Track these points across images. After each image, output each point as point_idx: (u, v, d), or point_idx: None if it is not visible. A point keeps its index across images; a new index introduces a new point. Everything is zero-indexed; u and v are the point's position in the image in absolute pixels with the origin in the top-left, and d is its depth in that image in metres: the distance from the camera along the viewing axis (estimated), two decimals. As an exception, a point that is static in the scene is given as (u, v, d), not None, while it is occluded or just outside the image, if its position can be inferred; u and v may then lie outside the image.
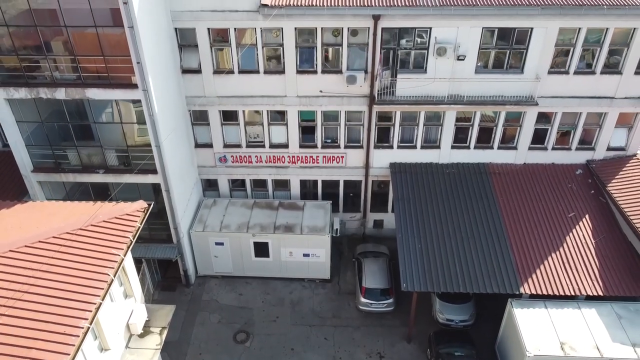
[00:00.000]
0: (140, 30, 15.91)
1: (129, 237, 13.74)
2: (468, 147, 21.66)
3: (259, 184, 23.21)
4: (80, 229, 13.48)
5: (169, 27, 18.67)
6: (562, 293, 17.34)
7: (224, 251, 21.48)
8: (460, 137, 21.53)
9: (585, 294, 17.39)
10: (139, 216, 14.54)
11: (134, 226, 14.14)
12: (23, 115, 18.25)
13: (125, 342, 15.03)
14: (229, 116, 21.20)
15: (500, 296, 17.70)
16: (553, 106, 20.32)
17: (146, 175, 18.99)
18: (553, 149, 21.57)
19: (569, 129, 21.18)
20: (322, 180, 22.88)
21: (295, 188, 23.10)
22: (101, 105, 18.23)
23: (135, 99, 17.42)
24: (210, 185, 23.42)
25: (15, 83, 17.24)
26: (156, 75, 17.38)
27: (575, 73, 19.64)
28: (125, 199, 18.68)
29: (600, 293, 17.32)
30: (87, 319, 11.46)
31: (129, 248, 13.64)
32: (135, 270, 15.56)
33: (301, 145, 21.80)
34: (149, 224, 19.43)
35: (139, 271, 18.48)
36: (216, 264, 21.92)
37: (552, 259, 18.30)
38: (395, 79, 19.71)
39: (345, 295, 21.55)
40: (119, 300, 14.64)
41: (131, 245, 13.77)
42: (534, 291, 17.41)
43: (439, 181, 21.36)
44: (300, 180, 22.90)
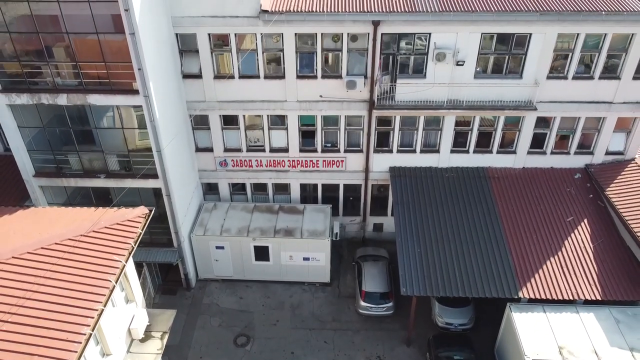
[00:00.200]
0: (142, 37, 16.02)
1: (130, 244, 13.86)
2: (467, 152, 21.77)
3: (260, 187, 23.33)
4: (82, 235, 13.61)
5: (170, 33, 18.78)
6: (561, 297, 17.45)
7: (224, 255, 21.59)
8: (460, 142, 21.63)
9: (584, 299, 17.51)
10: (140, 222, 14.66)
11: (135, 232, 14.26)
12: (25, 121, 18.37)
13: (127, 347, 15.15)
14: (230, 121, 21.32)
15: (499, 300, 17.81)
16: (552, 111, 20.43)
17: (147, 180, 19.09)
18: (552, 153, 21.68)
19: (568, 134, 21.29)
20: (322, 184, 22.99)
21: (295, 192, 23.22)
22: (102, 110, 18.35)
23: (136, 105, 17.52)
24: (210, 188, 23.53)
25: (17, 89, 17.36)
26: (157, 81, 17.49)
27: (574, 78, 19.75)
28: (126, 203, 18.91)
29: (599, 297, 17.43)
30: (89, 325, 11.58)
31: (130, 254, 13.76)
32: (136, 276, 15.70)
33: (301, 150, 21.92)
34: (150, 227, 19.49)
35: (139, 275, 18.57)
36: (217, 267, 22.04)
37: (551, 263, 18.41)
38: (395, 84, 19.81)
39: (345, 299, 21.67)
40: (120, 305, 14.76)
41: (132, 252, 13.89)
42: (532, 295, 17.52)
43: (439, 185, 21.47)
44: (301, 184, 23.01)
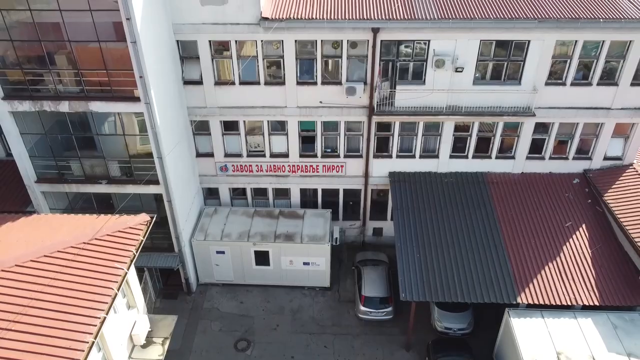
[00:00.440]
0: (143, 45, 16.15)
1: (132, 251, 14.00)
2: (466, 157, 21.90)
3: (260, 192, 23.46)
4: (84, 243, 13.75)
5: (171, 40, 18.89)
6: (559, 303, 17.58)
7: (225, 260, 21.72)
8: (459, 147, 21.76)
9: (582, 304, 17.64)
10: (142, 229, 14.80)
11: (137, 239, 14.40)
12: (27, 127, 18.49)
13: (128, 353, 15.28)
14: (230, 126, 21.45)
15: (498, 304, 17.90)
16: (550, 117, 20.55)
17: (148, 186, 19.21)
18: (550, 158, 21.81)
19: (566, 139, 21.42)
20: (322, 189, 23.12)
21: (295, 196, 23.35)
22: (104, 116, 18.46)
23: (137, 112, 17.65)
24: (211, 193, 23.67)
25: (19, 96, 17.48)
26: (158, 88, 17.61)
27: (572, 84, 19.87)
28: (127, 207, 19.10)
29: (597, 303, 17.55)
30: (92, 333, 11.72)
31: (132, 262, 13.90)
32: (138, 282, 15.84)
33: (301, 155, 22.05)
34: (151, 232, 19.45)
35: (140, 280, 18.69)
36: (217, 272, 22.17)
37: (549, 268, 18.54)
38: (394, 91, 19.94)
39: (344, 303, 21.80)
40: (122, 311, 14.89)
41: (134, 259, 14.02)
42: (530, 301, 17.65)
43: (438, 190, 21.60)
44: (301, 189, 23.14)
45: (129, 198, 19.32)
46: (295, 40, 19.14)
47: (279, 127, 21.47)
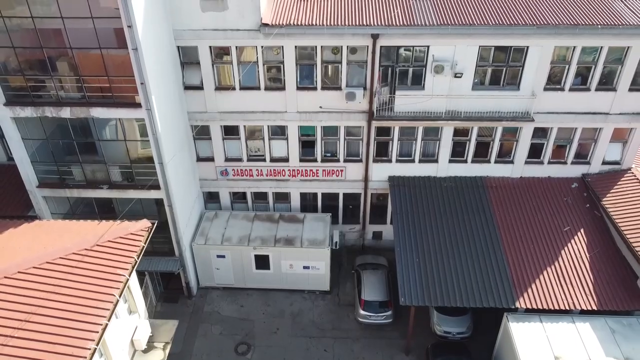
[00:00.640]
0: (144, 52, 16.25)
1: (133, 257, 14.11)
2: (465, 161, 22.01)
3: (260, 196, 23.58)
4: (86, 249, 13.86)
5: (172, 45, 19.00)
6: (557, 307, 17.68)
7: (225, 263, 21.84)
8: (458, 151, 21.87)
9: (580, 309, 17.75)
10: (143, 235, 14.92)
11: (139, 246, 14.51)
12: (28, 132, 18.59)
13: (130, 358, 15.39)
14: (231, 131, 21.56)
15: (497, 308, 18.02)
16: (549, 122, 20.66)
17: (149, 191, 19.32)
18: (549, 162, 21.91)
19: (565, 144, 21.52)
20: (322, 193, 23.24)
21: (295, 200, 23.47)
22: (105, 120, 18.51)
23: (138, 118, 17.76)
24: (211, 197, 23.78)
25: (21, 102, 17.59)
26: (159, 94, 17.72)
27: (571, 90, 19.98)
28: (128, 211, 19.18)
29: (595, 307, 17.67)
30: (94, 340, 11.82)
31: (133, 268, 14.01)
32: (139, 288, 15.95)
33: (301, 159, 22.16)
34: (152, 237, 19.55)
35: (141, 284, 18.80)
36: (218, 275, 22.29)
37: (548, 273, 18.65)
38: (394, 96, 20.06)
39: (344, 307, 21.91)
40: (123, 317, 15.01)
41: (136, 265, 14.13)
42: (529, 305, 17.76)
43: (437, 194, 21.71)
44: (301, 193, 23.26)
45: (127, 202, 19.41)
46: (295, 46, 19.25)
47: (279, 132, 21.58)
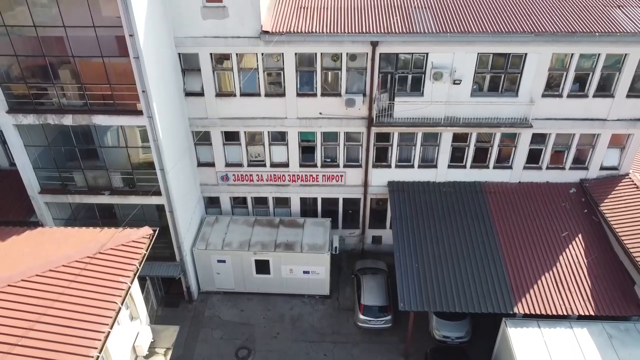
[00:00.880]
0: (146, 60, 16.41)
1: (135, 265, 14.25)
2: (464, 167, 22.16)
3: (260, 201, 23.73)
4: (88, 257, 13.99)
5: (173, 52, 19.14)
6: (555, 313, 17.82)
7: (225, 268, 21.99)
8: (457, 157, 22.02)
9: (577, 314, 17.90)
10: (145, 243, 15.05)
11: (140, 253, 14.65)
12: (31, 139, 18.74)
13: (132, 364, 15.55)
14: (231, 137, 21.72)
15: (495, 313, 18.15)
16: (547, 127, 20.81)
17: (150, 197, 19.47)
18: (547, 168, 22.06)
19: (563, 149, 21.67)
20: (322, 198, 23.39)
21: (295, 205, 23.62)
22: (106, 126, 18.67)
23: (140, 125, 17.91)
24: (212, 202, 23.92)
25: (23, 109, 17.75)
26: (160, 101, 17.86)
27: (569, 96, 20.12)
28: (129, 215, 19.31)
29: (592, 313, 17.80)
30: (97, 347, 11.96)
31: (135, 275, 14.15)
32: (140, 294, 16.09)
33: (301, 165, 22.31)
34: (153, 242, 19.88)
35: (142, 289, 18.96)
36: (218, 280, 22.43)
37: (546, 278, 18.79)
38: (393, 102, 20.20)
39: (344, 312, 22.06)
40: (125, 323, 15.15)
41: (137, 272, 14.27)
42: (527, 311, 17.90)
43: (436, 200, 21.86)
44: (301, 198, 23.41)
45: (128, 208, 19.56)
46: (295, 53, 19.40)
47: (279, 138, 21.73)
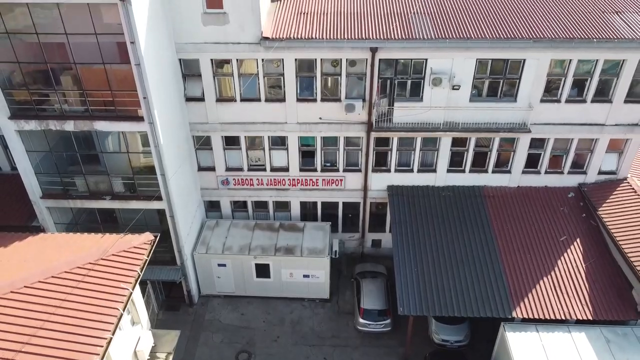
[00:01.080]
0: (147, 67, 16.52)
1: (136, 271, 14.36)
2: (463, 171, 22.29)
3: (260, 205, 23.85)
4: (90, 263, 14.10)
5: (173, 58, 19.24)
6: (553, 317, 17.95)
7: (226, 272, 22.11)
8: (456, 161, 22.15)
9: (576, 318, 18.02)
10: (146, 249, 15.16)
11: (142, 259, 14.75)
12: (32, 144, 18.86)
13: (133, 369, 15.67)
14: (231, 141, 21.84)
15: (494, 317, 18.26)
16: (545, 132, 20.93)
17: (151, 202, 19.59)
18: (546, 172, 22.18)
19: (562, 154, 21.79)
20: (322, 202, 23.51)
21: (295, 209, 23.74)
22: (107, 131, 18.80)
23: (141, 131, 18.03)
24: (212, 206, 24.04)
25: (25, 115, 17.87)
26: (161, 107, 17.97)
27: (567, 101, 20.24)
28: (130, 219, 19.45)
29: (590, 317, 17.93)
30: (99, 354, 12.07)
31: (137, 281, 14.26)
32: (142, 299, 16.19)
33: (301, 169, 22.44)
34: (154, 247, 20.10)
35: (143, 293, 19.06)
36: (218, 284, 22.56)
37: (544, 283, 18.92)
38: (392, 108, 20.32)
39: (344, 315, 22.18)
40: (126, 328, 15.26)
41: (139, 278, 14.39)
42: (525, 315, 18.03)
43: (435, 204, 21.99)
44: (301, 202, 23.53)
45: (133, 213, 19.68)
46: (296, 59, 19.52)
47: (280, 142, 21.86)
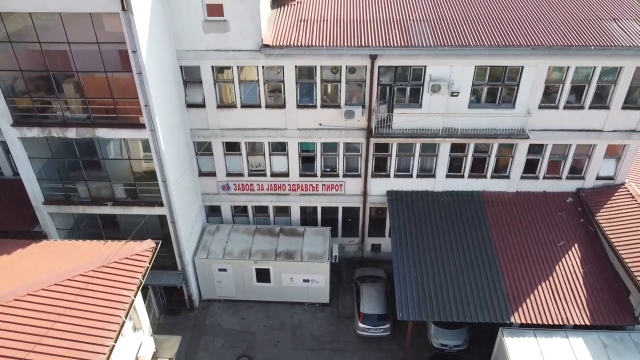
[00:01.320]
0: (149, 75, 16.68)
1: (138, 278, 14.53)
2: (462, 176, 22.44)
3: (261, 210, 24.01)
4: (92, 271, 14.27)
5: (175, 65, 19.41)
6: (551, 322, 18.11)
7: (226, 277, 22.27)
8: (455, 166, 22.31)
9: (573, 324, 18.18)
10: (148, 256, 15.32)
11: (143, 266, 14.92)
12: (35, 151, 19.01)
13: (135, 374, 15.82)
14: (232, 147, 22.00)
15: (493, 322, 18.43)
16: (544, 138, 21.08)
17: (153, 208, 19.75)
18: (544, 177, 22.33)
19: (560, 159, 21.94)
20: (322, 206, 23.67)
21: (295, 214, 23.90)
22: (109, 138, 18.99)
23: (143, 138, 18.19)
24: (213, 211, 24.20)
25: (28, 123, 18.03)
26: (163, 115, 18.13)
27: (565, 108, 20.39)
28: (131, 224, 19.60)
29: (588, 322, 18.08)
30: (102, 361, 12.27)
31: (139, 288, 14.42)
32: (144, 306, 16.34)
33: (301, 174, 22.59)
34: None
35: (145, 298, 19.20)
36: (219, 288, 22.72)
37: (542, 288, 19.07)
38: (392, 114, 20.48)
39: (343, 319, 22.34)
40: (128, 334, 15.41)
41: (141, 285, 14.55)
42: (523, 321, 18.19)
43: (434, 209, 22.14)
44: (301, 207, 23.69)
45: (135, 219, 19.83)
46: (296, 66, 19.67)
47: (280, 148, 22.01)
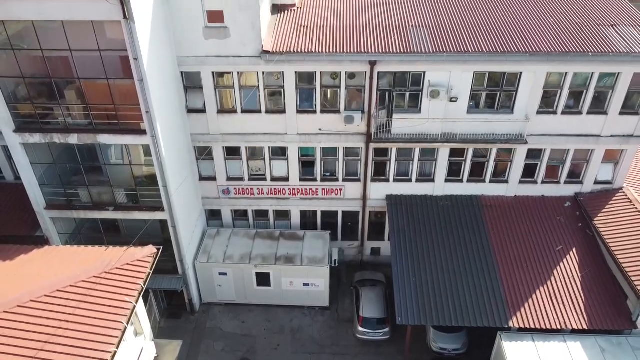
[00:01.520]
0: (150, 82, 16.81)
1: (140, 284, 14.66)
2: (461, 181, 22.58)
3: (261, 214, 24.15)
4: (94, 277, 14.40)
5: (175, 71, 19.55)
6: (549, 327, 18.23)
7: (227, 281, 22.40)
8: (454, 171, 22.44)
9: (571, 328, 18.32)
10: (149, 262, 15.45)
11: (145, 272, 15.05)
12: (37, 156, 19.15)
13: (136, 379, 15.96)
14: (232, 152, 22.14)
15: (491, 327, 18.58)
16: (542, 143, 21.21)
17: (154, 213, 19.89)
18: (543, 182, 22.47)
19: (558, 164, 22.07)
20: (322, 211, 23.81)
21: (295, 218, 24.04)
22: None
23: (144, 144, 18.32)
24: (213, 215, 24.33)
25: (30, 129, 18.16)
26: (163, 121, 18.25)
27: (563, 113, 20.52)
28: (132, 228, 19.73)
29: (585, 327, 18.22)
30: (104, 368, 12.40)
31: (140, 294, 14.56)
32: (145, 311, 16.48)
33: (301, 179, 22.73)
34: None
35: (146, 302, 19.38)
36: (220, 292, 22.85)
37: (540, 293, 19.20)
38: (391, 119, 20.62)
39: (343, 323, 22.47)
40: (130, 339, 15.54)
41: (142, 291, 14.69)
42: (522, 325, 18.31)
43: (434, 213, 22.28)
44: (301, 211, 23.83)
45: (136, 223, 19.96)
46: (296, 72, 19.81)
47: (280, 153, 22.15)
